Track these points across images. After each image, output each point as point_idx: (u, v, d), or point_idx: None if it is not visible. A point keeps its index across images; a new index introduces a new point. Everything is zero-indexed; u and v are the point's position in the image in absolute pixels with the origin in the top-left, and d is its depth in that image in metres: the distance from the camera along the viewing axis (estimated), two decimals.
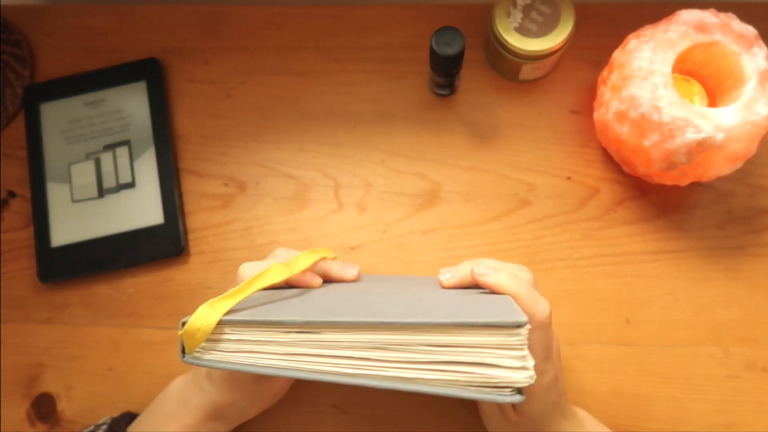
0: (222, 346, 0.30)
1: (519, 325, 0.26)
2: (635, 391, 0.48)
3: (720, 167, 0.44)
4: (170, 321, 0.51)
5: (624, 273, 0.49)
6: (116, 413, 0.49)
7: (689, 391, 0.47)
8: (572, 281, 0.49)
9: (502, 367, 0.26)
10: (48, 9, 0.57)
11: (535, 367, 0.36)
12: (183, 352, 0.30)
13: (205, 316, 0.29)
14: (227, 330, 0.30)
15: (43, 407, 0.50)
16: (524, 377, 0.26)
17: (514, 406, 0.39)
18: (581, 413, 0.43)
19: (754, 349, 0.48)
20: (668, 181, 0.47)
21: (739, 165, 0.44)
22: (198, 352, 0.30)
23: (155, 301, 0.51)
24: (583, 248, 0.50)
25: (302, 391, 0.49)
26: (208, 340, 0.30)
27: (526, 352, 0.26)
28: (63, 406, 0.50)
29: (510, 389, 0.26)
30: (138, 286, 0.52)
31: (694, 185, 0.50)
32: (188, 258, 0.52)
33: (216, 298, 0.31)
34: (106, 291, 0.52)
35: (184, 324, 0.29)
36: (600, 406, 0.47)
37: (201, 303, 0.50)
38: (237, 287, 0.32)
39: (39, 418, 0.50)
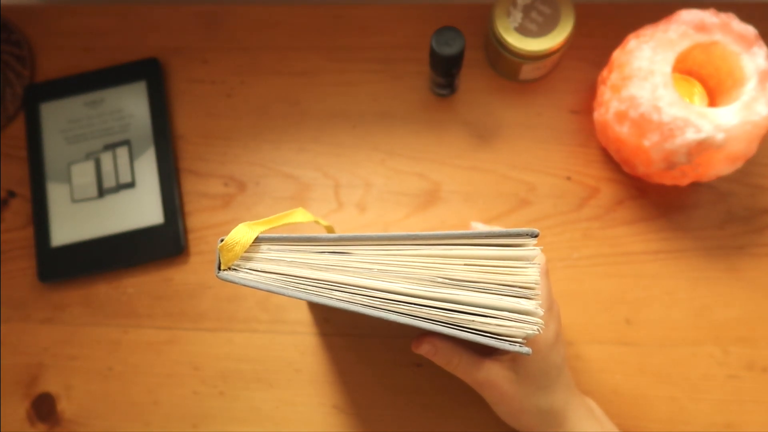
0: (257, 265, 0.31)
1: (533, 235, 0.29)
2: (635, 391, 0.48)
3: (720, 167, 0.44)
4: (170, 321, 0.51)
5: (624, 273, 0.49)
6: (116, 413, 0.50)
7: (689, 391, 0.47)
8: (572, 281, 0.49)
9: (516, 313, 0.29)
10: (48, 9, 0.57)
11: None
12: (219, 267, 0.31)
13: (244, 231, 0.30)
14: (263, 247, 0.31)
15: (43, 407, 0.50)
16: (534, 324, 0.29)
17: (518, 372, 0.39)
18: (592, 402, 0.43)
19: (754, 349, 0.48)
20: (668, 181, 0.47)
21: (739, 165, 0.44)
22: (233, 269, 0.31)
23: (155, 301, 0.51)
24: (583, 248, 0.50)
25: (302, 391, 0.49)
26: (243, 258, 0.31)
27: (538, 291, 0.29)
28: (63, 406, 0.50)
29: (519, 340, 0.29)
30: (138, 286, 0.52)
31: (694, 185, 0.50)
32: (188, 258, 0.52)
33: (251, 222, 0.31)
34: (106, 291, 0.52)
35: (222, 240, 0.30)
36: (600, 406, 0.47)
37: (201, 303, 0.51)
38: (267, 218, 0.33)
39: (39, 418, 0.50)
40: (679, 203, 0.50)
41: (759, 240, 0.49)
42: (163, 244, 0.51)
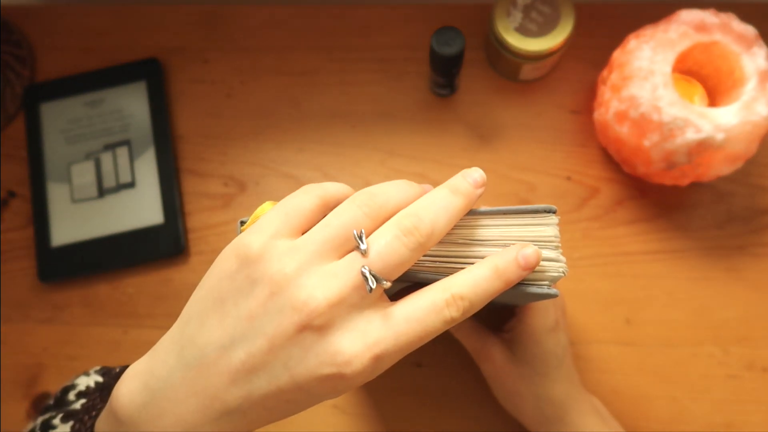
0: None
1: (550, 211, 0.29)
2: (635, 391, 0.48)
3: (720, 167, 0.44)
4: (170, 321, 0.51)
5: (624, 273, 0.49)
6: None
7: (689, 391, 0.47)
8: (572, 281, 0.49)
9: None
10: (48, 9, 0.57)
11: (538, 303, 0.38)
12: None
13: (269, 208, 0.29)
14: None
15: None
16: (558, 267, 0.28)
17: (516, 353, 0.40)
18: (597, 401, 0.43)
19: (754, 349, 0.48)
20: (668, 181, 0.47)
21: (739, 165, 0.44)
22: None
23: (155, 301, 0.51)
24: (583, 248, 0.50)
25: None
26: None
27: (558, 243, 0.29)
28: None
29: (546, 283, 0.28)
30: (138, 286, 0.52)
31: (694, 185, 0.50)
32: (188, 258, 0.52)
33: (276, 202, 0.31)
34: (106, 291, 0.52)
35: (243, 223, 0.30)
36: None
37: None
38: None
39: None
40: (679, 203, 0.50)
41: (759, 240, 0.49)
42: (163, 244, 0.51)
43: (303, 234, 0.26)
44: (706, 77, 0.47)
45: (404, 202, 0.27)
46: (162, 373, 0.25)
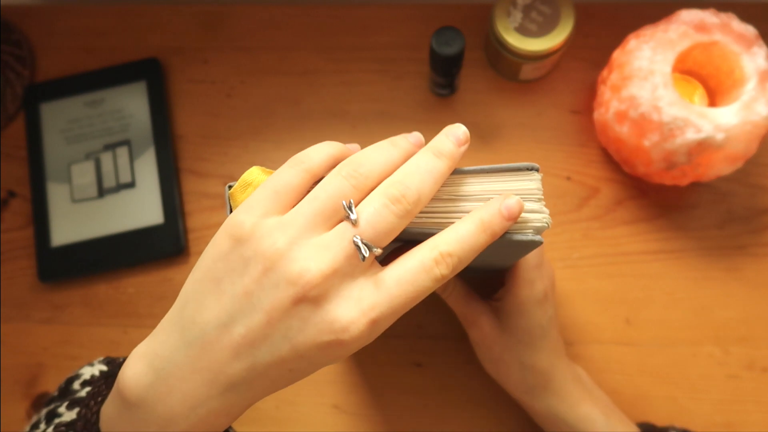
0: None
1: (532, 168, 0.29)
2: (635, 391, 0.48)
3: (720, 167, 0.44)
4: None
5: (624, 273, 0.49)
6: None
7: (689, 391, 0.47)
8: (572, 281, 0.49)
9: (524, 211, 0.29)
10: (48, 9, 0.57)
11: (526, 274, 0.39)
12: (230, 210, 0.30)
13: (256, 173, 0.30)
14: None
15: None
16: (542, 218, 0.28)
17: (502, 321, 0.40)
18: (581, 370, 0.43)
19: (754, 349, 0.48)
20: (668, 181, 0.47)
21: (739, 165, 0.44)
22: None
23: (155, 301, 0.51)
24: (583, 248, 0.50)
25: (302, 391, 0.49)
26: None
27: (541, 196, 0.29)
28: None
29: (530, 231, 0.28)
30: (138, 286, 0.52)
31: (694, 185, 0.50)
32: (188, 258, 0.52)
33: (263, 168, 0.31)
34: (106, 291, 0.52)
35: (230, 187, 0.30)
36: None
37: None
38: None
39: None
40: (679, 203, 0.50)
41: (759, 240, 0.49)
42: (163, 244, 0.51)
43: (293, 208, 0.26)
44: (706, 77, 0.47)
45: (389, 167, 0.27)
46: (165, 352, 0.25)
